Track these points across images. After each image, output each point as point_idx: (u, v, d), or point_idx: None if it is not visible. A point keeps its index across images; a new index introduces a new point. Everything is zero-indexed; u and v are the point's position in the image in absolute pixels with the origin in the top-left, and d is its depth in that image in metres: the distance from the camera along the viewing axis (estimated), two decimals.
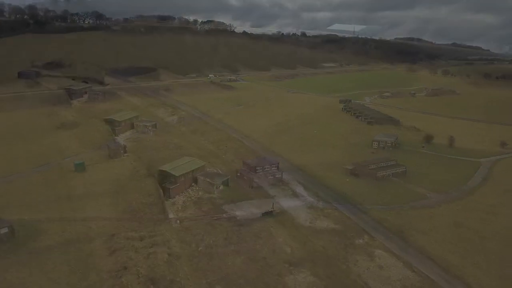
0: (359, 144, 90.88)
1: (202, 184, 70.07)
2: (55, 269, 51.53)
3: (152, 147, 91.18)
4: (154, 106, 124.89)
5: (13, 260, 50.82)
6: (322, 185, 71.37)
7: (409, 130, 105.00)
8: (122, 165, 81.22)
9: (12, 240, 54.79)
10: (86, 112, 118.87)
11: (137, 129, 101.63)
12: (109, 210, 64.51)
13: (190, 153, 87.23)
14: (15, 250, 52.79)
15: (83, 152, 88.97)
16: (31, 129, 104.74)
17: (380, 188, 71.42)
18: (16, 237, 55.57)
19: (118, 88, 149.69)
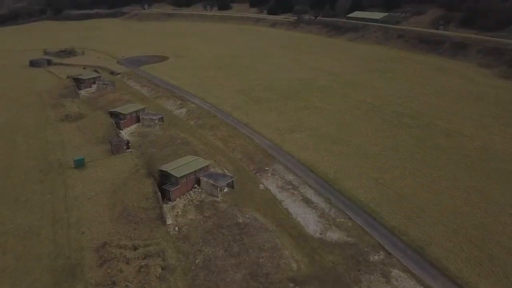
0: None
1: (205, 186, 65.11)
2: (40, 279, 47.72)
3: (157, 142, 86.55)
4: (163, 97, 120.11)
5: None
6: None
7: None
8: (124, 162, 76.95)
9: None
10: (93, 103, 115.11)
11: (143, 122, 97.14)
12: (104, 212, 60.41)
13: (197, 149, 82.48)
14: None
15: (85, 146, 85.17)
16: (34, 122, 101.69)
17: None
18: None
19: (128, 77, 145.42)
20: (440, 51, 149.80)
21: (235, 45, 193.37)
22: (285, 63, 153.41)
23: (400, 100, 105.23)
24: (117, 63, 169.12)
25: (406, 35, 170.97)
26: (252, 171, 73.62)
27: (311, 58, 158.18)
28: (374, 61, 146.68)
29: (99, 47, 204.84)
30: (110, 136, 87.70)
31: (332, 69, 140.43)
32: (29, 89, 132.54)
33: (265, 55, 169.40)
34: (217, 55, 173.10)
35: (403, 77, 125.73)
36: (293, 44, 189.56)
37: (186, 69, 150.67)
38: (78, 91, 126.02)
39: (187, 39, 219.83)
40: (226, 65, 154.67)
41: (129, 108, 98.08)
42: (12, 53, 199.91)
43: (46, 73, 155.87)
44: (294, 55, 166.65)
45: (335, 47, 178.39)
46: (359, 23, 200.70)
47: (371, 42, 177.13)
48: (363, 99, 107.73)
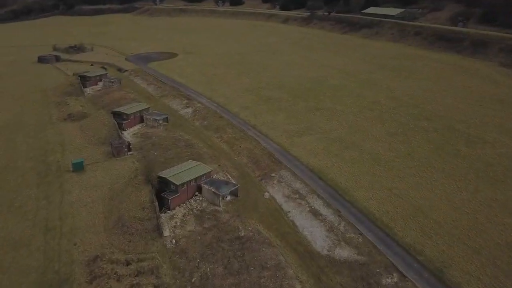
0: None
1: (207, 193, 61.29)
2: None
3: (160, 144, 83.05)
4: (169, 96, 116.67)
5: None
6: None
7: None
8: (124, 165, 73.58)
9: None
10: (97, 102, 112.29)
11: (147, 122, 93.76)
12: (99, 221, 57.07)
13: (201, 152, 78.81)
14: None
15: (85, 148, 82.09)
16: (36, 120, 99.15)
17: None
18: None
19: (136, 75, 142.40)
20: (459, 49, 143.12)
21: (245, 42, 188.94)
22: (296, 60, 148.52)
23: (416, 101, 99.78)
24: (125, 60, 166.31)
25: (423, 32, 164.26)
26: (258, 178, 69.56)
27: (324, 56, 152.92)
28: (389, 59, 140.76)
29: (109, 43, 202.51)
30: (112, 137, 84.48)
31: (345, 67, 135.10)
32: (35, 86, 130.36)
33: (276, 52, 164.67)
34: (227, 52, 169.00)
35: (419, 77, 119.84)
36: (305, 41, 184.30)
37: (195, 67, 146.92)
38: (83, 88, 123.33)
39: (198, 35, 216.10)
40: (235, 62, 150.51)
41: (132, 108, 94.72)
42: (22, 48, 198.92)
43: (53, 69, 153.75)
44: (306, 52, 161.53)
45: (348, 44, 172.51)
46: (374, 19, 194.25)
47: (387, 39, 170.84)
48: (377, 100, 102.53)
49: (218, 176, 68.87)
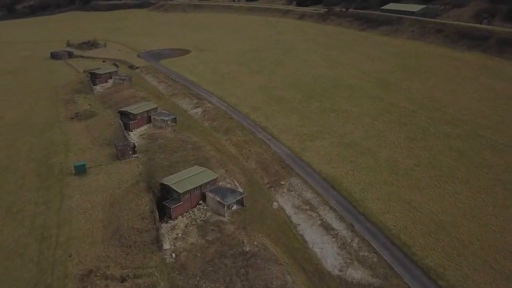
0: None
1: (211, 202, 57.72)
2: None
3: (166, 146, 79.93)
4: (179, 95, 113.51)
5: None
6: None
7: None
8: (128, 168, 70.58)
9: None
10: (106, 100, 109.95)
11: (154, 123, 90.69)
12: (97, 230, 54.06)
13: (208, 156, 75.38)
14: None
15: (90, 149, 79.45)
16: (43, 119, 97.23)
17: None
18: None
19: (147, 72, 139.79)
20: (484, 48, 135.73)
21: (260, 38, 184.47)
22: (311, 58, 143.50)
23: (438, 104, 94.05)
24: (138, 57, 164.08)
25: (445, 30, 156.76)
26: (266, 185, 65.68)
27: (340, 54, 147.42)
28: (409, 58, 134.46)
29: (123, 39, 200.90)
30: (117, 138, 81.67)
31: (363, 66, 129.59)
32: (46, 83, 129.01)
33: (291, 49, 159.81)
34: (240, 49, 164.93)
35: (441, 77, 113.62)
36: (321, 38, 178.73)
37: (207, 64, 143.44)
38: (93, 86, 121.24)
39: (212, 31, 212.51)
40: (249, 59, 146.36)
41: (140, 108, 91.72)
42: (37, 44, 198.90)
43: (65, 66, 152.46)
44: (322, 49, 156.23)
45: (366, 41, 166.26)
46: (394, 15, 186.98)
47: (407, 37, 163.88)
48: (396, 102, 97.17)
49: (224, 183, 65.32)
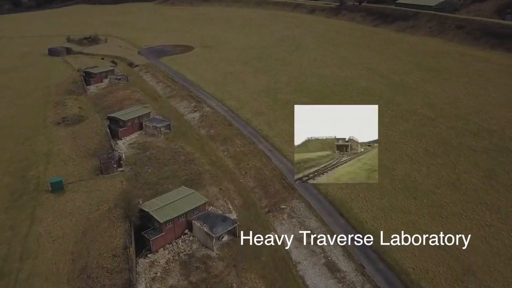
0: None
1: (198, 233, 49.79)
2: None
3: (156, 158, 72.26)
4: (177, 97, 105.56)
5: None
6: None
7: None
8: (110, 185, 63.16)
9: None
10: (99, 102, 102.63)
11: (146, 130, 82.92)
12: (64, 266, 46.65)
13: (201, 170, 67.50)
14: None
15: (72, 161, 72.19)
16: (30, 123, 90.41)
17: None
18: None
19: (146, 70, 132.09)
20: (509, 47, 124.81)
21: (267, 34, 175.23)
22: (321, 57, 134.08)
23: (460, 111, 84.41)
24: (138, 54, 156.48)
25: (466, 26, 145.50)
26: (264, 209, 57.45)
27: (352, 52, 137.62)
28: (427, 58, 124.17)
29: (125, 35, 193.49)
30: (103, 148, 74.20)
31: (376, 66, 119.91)
32: (39, 82, 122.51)
33: (300, 46, 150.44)
34: (246, 46, 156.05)
35: (463, 79, 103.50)
36: (332, 34, 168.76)
37: (210, 63, 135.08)
38: (86, 86, 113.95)
39: (218, 26, 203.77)
40: (254, 57, 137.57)
41: (131, 113, 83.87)
42: (38, 39, 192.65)
43: (62, 63, 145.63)
44: (332, 47, 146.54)
45: (380, 38, 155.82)
46: (410, 10, 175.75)
47: (424, 34, 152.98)
48: (413, 108, 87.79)
49: (217, 204, 57.45)
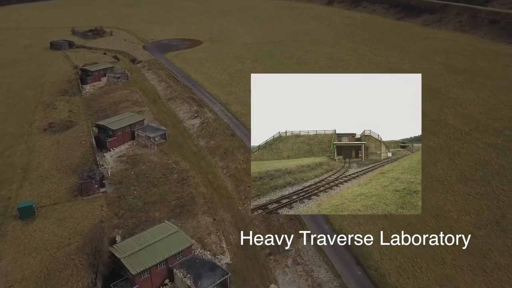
0: None
1: (181, 285, 40.40)
2: None
3: (146, 176, 63.14)
4: (178, 99, 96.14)
5: None
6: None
7: None
8: (88, 211, 54.44)
9: None
10: (92, 105, 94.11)
11: (139, 140, 73.79)
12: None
13: (194, 194, 58.13)
14: None
15: (51, 177, 63.55)
16: (14, 129, 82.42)
17: None
18: None
19: (148, 68, 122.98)
20: None
21: (281, 28, 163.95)
22: (338, 54, 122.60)
23: (500, 124, 72.63)
24: (143, 48, 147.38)
25: (501, 20, 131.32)
26: (265, 250, 47.65)
27: (373, 49, 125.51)
28: (457, 57, 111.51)
29: (132, 27, 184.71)
30: (86, 163, 65.46)
31: (400, 66, 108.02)
32: (34, 80, 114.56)
33: (316, 42, 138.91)
34: (258, 41, 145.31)
35: (500, 84, 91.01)
36: (351, 28, 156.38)
37: (217, 60, 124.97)
38: (82, 86, 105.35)
39: (230, 18, 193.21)
40: (265, 54, 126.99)
41: (121, 121, 74.71)
42: (43, 31, 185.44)
43: (62, 58, 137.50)
44: (351, 43, 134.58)
45: (404, 33, 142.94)
46: (437, 2, 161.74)
47: (453, 29, 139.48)
48: (443, 118, 76.42)
49: (208, 241, 48.07)
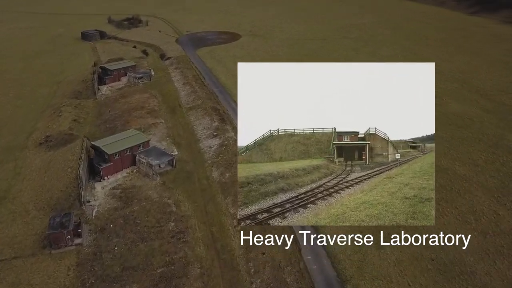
0: None
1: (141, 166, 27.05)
2: None
3: (136, 223, 50.14)
4: (200, 109, 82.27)
5: None
6: None
7: None
8: (50, 276, 42.31)
9: None
10: (103, 112, 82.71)
11: (140, 166, 60.52)
12: None
13: (189, 259, 44.21)
14: None
15: (25, 214, 52.08)
16: (9, 142, 72.44)
17: None
18: None
19: (176, 66, 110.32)
20: None
21: (329, 21, 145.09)
22: (397, 58, 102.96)
23: None
24: (176, 42, 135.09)
25: None
26: None
27: (440, 53, 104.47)
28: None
29: (170, 16, 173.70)
30: (69, 198, 53.29)
31: (473, 76, 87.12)
32: (52, 76, 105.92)
33: (369, 41, 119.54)
34: (302, 37, 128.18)
35: None
36: (413, 24, 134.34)
37: (253, 59, 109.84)
38: (99, 87, 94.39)
39: (273, 7, 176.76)
40: (309, 54, 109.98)
41: (121, 142, 60.91)
42: (79, 18, 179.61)
43: (89, 51, 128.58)
44: (412, 44, 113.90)
45: (479, 32, 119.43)
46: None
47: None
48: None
49: None
